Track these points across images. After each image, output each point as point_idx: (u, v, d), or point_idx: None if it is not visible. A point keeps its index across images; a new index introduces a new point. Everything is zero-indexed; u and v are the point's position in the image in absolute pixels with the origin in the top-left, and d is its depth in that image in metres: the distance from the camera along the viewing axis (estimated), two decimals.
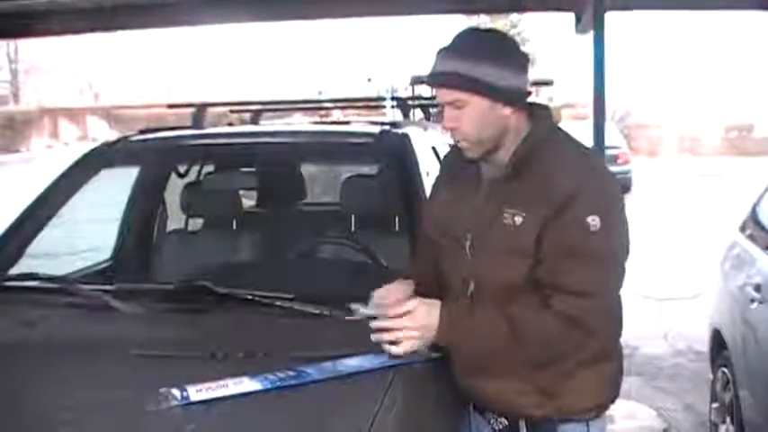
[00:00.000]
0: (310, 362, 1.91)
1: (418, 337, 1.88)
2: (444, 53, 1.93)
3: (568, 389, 1.98)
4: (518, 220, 1.89)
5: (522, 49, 2.01)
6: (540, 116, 2.00)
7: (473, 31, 2.01)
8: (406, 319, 1.87)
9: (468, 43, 1.95)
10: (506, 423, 2.06)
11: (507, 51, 1.95)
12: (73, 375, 1.97)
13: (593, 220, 1.83)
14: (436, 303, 1.91)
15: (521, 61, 1.96)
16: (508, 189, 1.94)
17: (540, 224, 1.86)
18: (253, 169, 3.62)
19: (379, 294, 2.05)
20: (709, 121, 26.39)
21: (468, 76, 1.88)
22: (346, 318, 2.09)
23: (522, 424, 2.03)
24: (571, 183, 1.87)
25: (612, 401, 2.09)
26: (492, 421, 2.09)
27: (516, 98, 1.93)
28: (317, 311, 2.26)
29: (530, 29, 28.36)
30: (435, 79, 1.94)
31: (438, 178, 2.24)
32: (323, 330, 2.20)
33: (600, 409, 2.05)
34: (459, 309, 1.93)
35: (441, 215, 2.09)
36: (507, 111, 1.92)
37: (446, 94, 1.92)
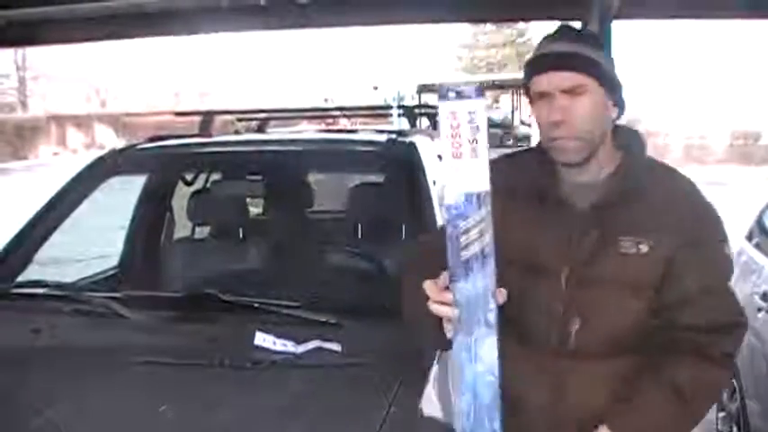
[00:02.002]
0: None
1: None
2: (560, 36, 1.72)
3: None
4: (643, 248, 1.67)
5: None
6: (629, 133, 1.80)
7: (571, 26, 1.82)
8: None
9: (582, 32, 1.80)
10: None
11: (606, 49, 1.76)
12: (79, 383, 1.98)
13: (726, 248, 1.74)
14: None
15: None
16: (619, 214, 1.69)
17: (670, 254, 1.67)
18: (260, 177, 3.63)
19: None
20: (715, 128, 26.36)
21: (592, 59, 1.67)
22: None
23: None
24: (695, 208, 1.73)
25: None
26: None
27: (622, 103, 1.75)
28: (324, 319, 2.26)
29: (537, 37, 28.37)
30: (555, 60, 1.68)
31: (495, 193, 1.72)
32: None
33: None
34: (622, 412, 1.66)
35: (523, 238, 1.71)
36: (615, 112, 1.73)
37: (564, 79, 1.66)
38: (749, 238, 4.26)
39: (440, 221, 2.68)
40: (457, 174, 1.42)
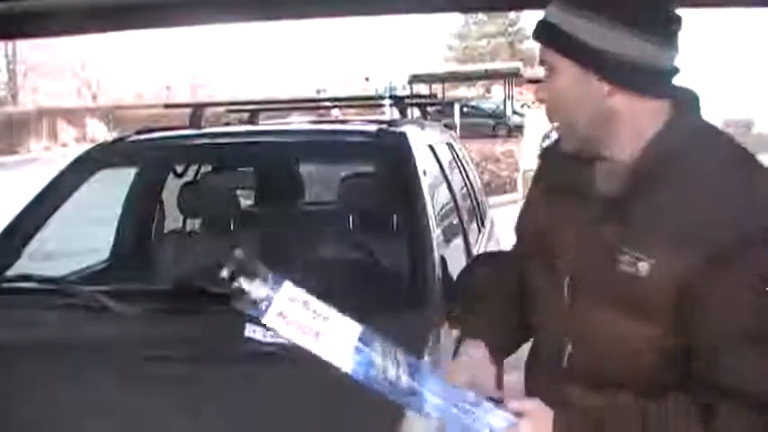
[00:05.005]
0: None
1: None
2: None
3: None
4: (642, 267, 1.28)
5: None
6: (683, 107, 1.39)
7: None
8: None
9: None
10: None
11: (637, 6, 1.32)
12: (69, 377, 1.96)
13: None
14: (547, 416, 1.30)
15: (657, 26, 1.32)
16: (627, 215, 1.33)
17: (681, 278, 1.25)
18: (250, 168, 3.62)
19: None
20: (707, 116, 26.41)
21: (560, 29, 1.35)
22: None
23: None
24: (739, 218, 1.25)
25: None
26: None
27: (625, 74, 1.33)
28: None
29: (530, 27, 28.41)
30: (535, 29, 1.42)
31: (534, 182, 1.61)
32: None
33: None
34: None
35: (541, 234, 1.47)
36: (606, 88, 1.34)
37: (539, 52, 1.41)
38: None
39: (431, 211, 2.68)
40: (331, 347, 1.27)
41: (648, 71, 1.33)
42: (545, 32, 1.39)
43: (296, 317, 1.29)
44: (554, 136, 1.64)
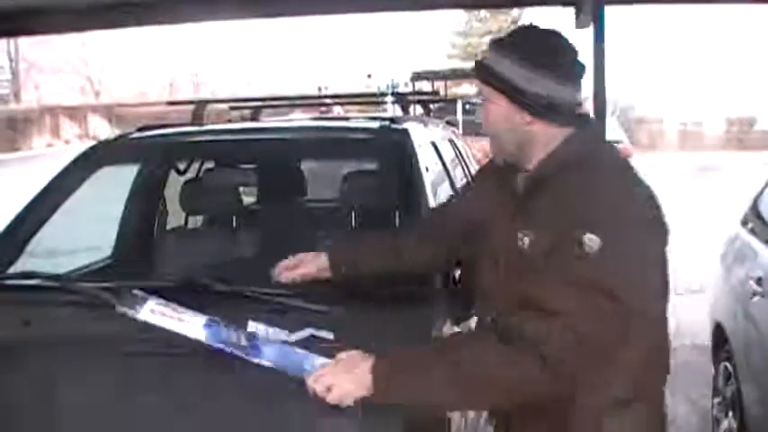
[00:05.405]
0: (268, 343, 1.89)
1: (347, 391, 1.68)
2: (491, 43, 1.85)
3: None
4: (527, 242, 1.75)
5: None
6: (578, 136, 1.82)
7: (527, 27, 1.88)
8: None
9: (514, 37, 1.84)
10: None
11: (553, 55, 1.78)
12: (72, 374, 1.97)
13: (590, 240, 1.63)
14: (366, 358, 1.71)
15: (567, 70, 1.79)
16: (525, 208, 1.81)
17: (546, 250, 1.70)
18: (252, 166, 3.62)
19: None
20: (710, 114, 26.38)
21: (492, 70, 1.80)
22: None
23: None
24: (586, 205, 1.68)
25: None
26: None
27: (542, 108, 1.77)
28: (316, 308, 2.25)
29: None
30: (474, 69, 1.87)
31: (480, 172, 2.21)
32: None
33: None
34: (391, 367, 1.69)
35: (479, 219, 1.97)
36: (527, 118, 1.79)
37: (478, 86, 1.87)
38: (744, 223, 4.26)
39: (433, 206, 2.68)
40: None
41: (560, 105, 1.78)
42: (483, 72, 1.83)
43: (163, 310, 1.94)
44: None
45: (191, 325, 1.90)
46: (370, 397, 1.66)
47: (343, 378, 1.68)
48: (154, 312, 1.90)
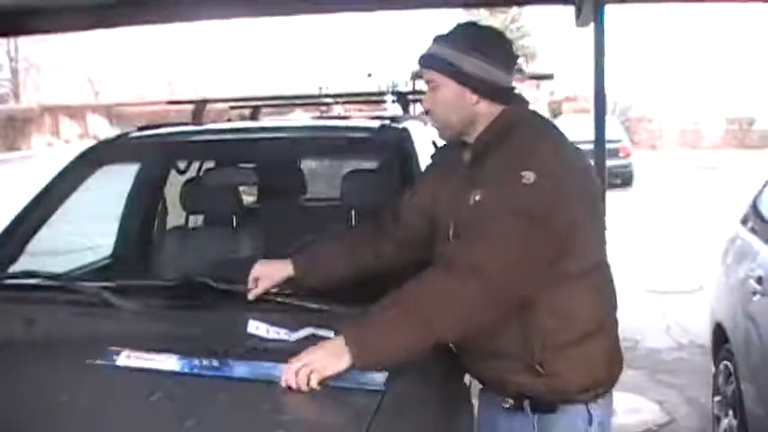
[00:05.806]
0: (242, 358, 1.93)
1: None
2: (435, 38, 2.10)
3: (558, 369, 1.99)
4: (476, 197, 1.96)
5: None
6: (512, 109, 2.09)
7: (467, 24, 2.17)
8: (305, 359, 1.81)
9: (457, 32, 2.10)
10: (512, 402, 2.08)
11: (491, 45, 2.07)
12: (72, 373, 1.97)
13: (527, 174, 1.89)
14: (334, 340, 1.86)
15: (503, 58, 2.08)
16: (473, 172, 2.04)
17: (494, 198, 1.94)
18: (253, 165, 3.62)
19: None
20: (710, 113, 26.37)
21: (440, 58, 2.06)
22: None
23: (527, 404, 2.06)
24: (525, 153, 1.95)
25: (610, 385, 2.10)
26: (501, 401, 2.11)
27: (486, 90, 2.05)
28: (316, 307, 2.25)
29: (530, 23, 28.35)
30: (420, 60, 2.11)
31: (429, 167, 2.38)
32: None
33: (595, 390, 2.06)
34: (357, 328, 1.85)
35: (428, 203, 2.20)
36: (474, 98, 2.05)
37: (425, 74, 2.10)
38: (744, 222, 4.26)
39: None
40: None
41: (500, 87, 2.07)
42: (432, 60, 2.08)
43: (138, 355, 1.96)
44: None
45: (164, 361, 1.92)
46: (352, 364, 1.79)
47: (319, 355, 1.80)
48: (129, 358, 1.94)
